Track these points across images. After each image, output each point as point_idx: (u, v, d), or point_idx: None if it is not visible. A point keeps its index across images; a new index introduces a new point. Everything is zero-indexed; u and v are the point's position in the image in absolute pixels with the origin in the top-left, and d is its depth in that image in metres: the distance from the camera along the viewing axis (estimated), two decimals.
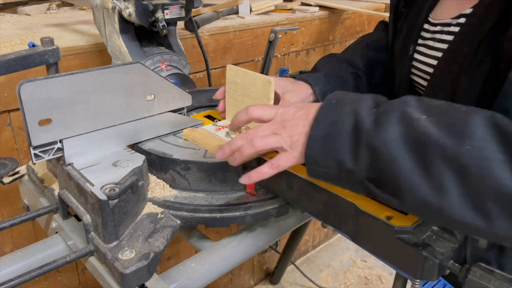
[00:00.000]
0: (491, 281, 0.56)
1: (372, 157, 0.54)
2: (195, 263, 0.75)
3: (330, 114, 0.58)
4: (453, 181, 0.48)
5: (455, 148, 0.48)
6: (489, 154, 0.47)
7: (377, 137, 0.53)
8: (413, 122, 0.52)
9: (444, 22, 0.75)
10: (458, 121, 0.50)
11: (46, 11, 1.74)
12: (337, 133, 0.56)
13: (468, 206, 0.48)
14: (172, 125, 0.92)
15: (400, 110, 0.54)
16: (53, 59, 0.82)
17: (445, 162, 0.49)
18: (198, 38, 1.21)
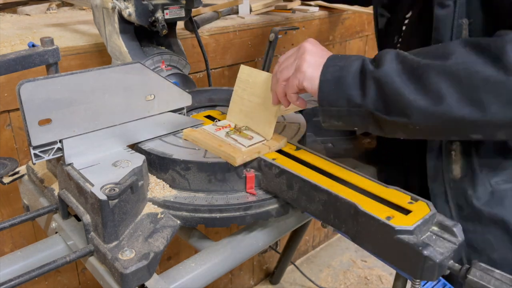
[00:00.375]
0: (491, 281, 0.56)
1: (377, 88, 0.65)
2: (195, 263, 0.75)
3: (338, 61, 0.69)
4: (448, 87, 0.60)
5: (443, 63, 0.61)
6: (470, 60, 0.60)
7: (380, 71, 0.65)
8: (405, 57, 0.65)
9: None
10: (438, 49, 0.65)
11: (46, 11, 1.74)
12: (346, 75, 0.67)
13: (465, 103, 0.60)
14: (172, 125, 0.92)
15: (393, 52, 0.67)
16: (53, 59, 0.82)
17: (438, 75, 0.61)
18: (198, 38, 1.21)
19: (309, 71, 0.71)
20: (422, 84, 0.62)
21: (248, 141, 0.83)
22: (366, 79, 0.66)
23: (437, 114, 0.62)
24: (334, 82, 0.68)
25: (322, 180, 0.72)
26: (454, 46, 0.62)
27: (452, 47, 0.62)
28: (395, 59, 0.65)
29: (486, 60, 0.58)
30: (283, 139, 0.84)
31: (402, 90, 0.63)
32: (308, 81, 0.71)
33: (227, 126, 0.90)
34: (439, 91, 0.60)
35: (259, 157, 0.80)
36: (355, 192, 0.69)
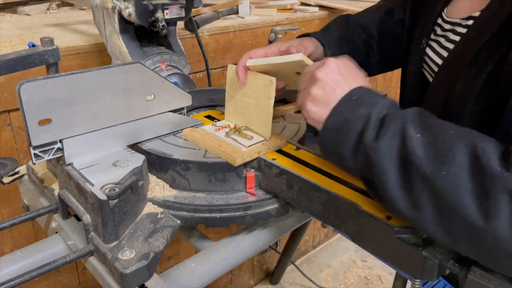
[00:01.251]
0: (491, 281, 0.56)
1: (367, 163, 0.59)
2: (195, 263, 0.75)
3: (346, 111, 0.62)
4: (427, 200, 0.53)
5: (434, 171, 0.52)
6: (461, 182, 0.50)
7: (373, 147, 0.57)
8: (407, 139, 0.56)
9: (455, 22, 0.73)
10: (443, 145, 0.53)
11: (46, 11, 1.74)
12: (346, 132, 0.61)
13: (439, 224, 0.53)
14: (172, 125, 0.92)
15: (400, 124, 0.57)
16: (53, 59, 0.82)
17: (423, 182, 0.53)
18: (198, 38, 1.21)
19: (313, 110, 0.66)
20: (405, 181, 0.55)
21: (248, 141, 0.83)
22: (359, 147, 0.59)
23: (412, 219, 0.56)
24: (334, 133, 0.63)
25: (322, 180, 0.72)
26: (461, 147, 0.52)
27: (457, 148, 0.52)
28: (397, 134, 0.57)
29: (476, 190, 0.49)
30: (283, 139, 0.84)
31: (386, 177, 0.56)
32: (311, 121, 0.67)
33: (227, 126, 0.90)
34: (419, 199, 0.53)
35: (259, 157, 0.80)
36: (355, 192, 0.68)
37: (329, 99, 0.64)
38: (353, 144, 0.60)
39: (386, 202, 0.59)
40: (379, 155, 0.57)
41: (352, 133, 0.60)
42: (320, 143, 0.65)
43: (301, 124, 0.95)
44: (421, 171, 0.53)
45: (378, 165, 0.57)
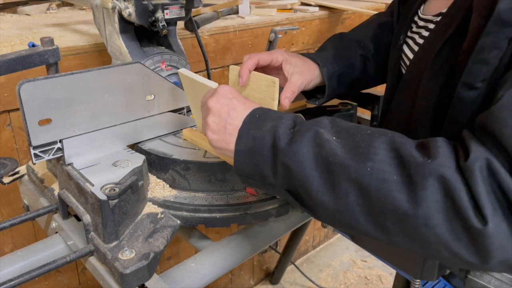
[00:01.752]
0: (491, 281, 0.56)
1: (287, 174, 0.57)
2: (195, 263, 0.75)
3: (252, 128, 0.61)
4: (356, 200, 0.52)
5: (358, 170, 0.52)
6: (387, 176, 0.50)
7: (290, 156, 0.56)
8: (324, 143, 0.55)
9: (427, 18, 0.74)
10: (362, 143, 0.54)
11: (46, 11, 1.74)
12: (259, 149, 0.59)
13: (371, 222, 0.53)
14: (172, 125, 0.92)
15: (313, 131, 0.57)
16: (53, 59, 0.82)
17: (349, 182, 0.52)
18: (198, 38, 1.21)
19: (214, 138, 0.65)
20: (331, 184, 0.54)
21: None
22: (276, 160, 0.58)
23: (343, 221, 0.55)
24: (248, 154, 0.60)
25: None
26: (379, 144, 0.53)
27: (375, 145, 0.53)
28: (312, 140, 0.56)
29: (403, 181, 0.49)
30: None
31: (310, 185, 0.55)
32: (218, 150, 0.66)
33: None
34: (348, 200, 0.53)
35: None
36: None
37: (225, 123, 0.64)
38: (269, 158, 0.59)
39: (314, 210, 0.58)
40: (298, 163, 0.55)
41: (265, 149, 0.59)
42: (237, 169, 0.62)
43: None
44: (345, 172, 0.52)
45: (299, 173, 0.56)
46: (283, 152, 0.57)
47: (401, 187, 0.49)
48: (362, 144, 0.54)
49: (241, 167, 0.61)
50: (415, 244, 0.51)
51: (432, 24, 0.72)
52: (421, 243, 0.51)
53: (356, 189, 0.52)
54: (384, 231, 0.52)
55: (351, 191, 0.52)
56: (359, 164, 0.52)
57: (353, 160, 0.52)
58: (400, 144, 0.52)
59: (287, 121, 0.60)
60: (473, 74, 0.55)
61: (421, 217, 0.48)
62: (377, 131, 0.55)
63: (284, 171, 0.57)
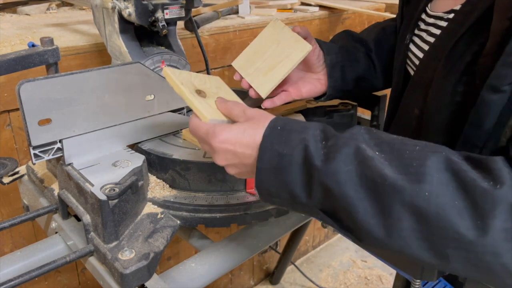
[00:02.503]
0: None
1: (326, 195, 0.52)
2: (195, 263, 0.75)
3: (276, 144, 0.55)
4: (411, 225, 0.48)
5: (413, 193, 0.47)
6: (447, 200, 0.46)
7: (329, 175, 0.51)
8: (367, 161, 0.50)
9: (437, 15, 0.73)
10: (414, 162, 0.49)
11: (46, 11, 1.73)
12: (288, 167, 0.54)
13: (426, 248, 0.49)
14: (172, 125, 0.91)
15: (353, 146, 0.52)
16: (53, 59, 0.82)
17: (403, 206, 0.48)
18: (198, 38, 1.21)
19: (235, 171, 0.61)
20: (381, 208, 0.49)
21: None
22: (312, 180, 0.53)
23: (392, 248, 0.51)
24: (274, 172, 0.55)
25: None
26: (433, 164, 0.48)
27: (430, 164, 0.48)
28: (352, 156, 0.51)
29: (467, 207, 0.46)
30: None
31: (355, 207, 0.50)
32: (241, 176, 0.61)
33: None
34: (401, 225, 0.49)
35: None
36: None
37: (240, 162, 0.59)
38: (302, 177, 0.54)
39: (359, 234, 0.53)
40: (340, 184, 0.51)
41: (295, 167, 0.54)
42: (259, 188, 0.57)
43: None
44: (398, 194, 0.48)
45: (341, 195, 0.51)
46: (320, 171, 0.52)
47: (466, 214, 0.46)
48: (413, 163, 0.49)
49: (265, 186, 0.56)
50: (477, 272, 0.49)
51: (443, 22, 0.71)
52: (485, 271, 0.48)
53: (412, 214, 0.48)
54: (443, 258, 0.49)
55: (405, 216, 0.48)
56: (414, 187, 0.48)
57: (407, 182, 0.48)
58: (457, 165, 0.48)
59: (315, 131, 0.55)
60: (501, 77, 0.53)
61: (489, 246, 0.45)
62: (427, 146, 0.51)
63: (321, 191, 0.53)
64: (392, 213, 0.49)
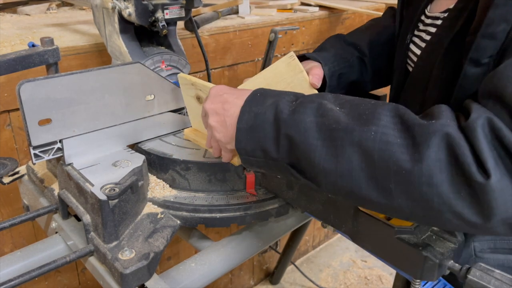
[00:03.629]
0: (491, 281, 0.56)
1: (290, 145, 0.58)
2: (195, 263, 0.75)
3: (254, 106, 0.62)
4: (359, 164, 0.53)
5: (361, 134, 0.52)
6: (391, 139, 0.51)
7: (294, 126, 0.57)
8: (327, 112, 0.56)
9: (434, 16, 0.75)
10: (366, 111, 0.55)
11: (46, 11, 1.74)
12: (261, 124, 0.60)
13: (373, 186, 0.53)
14: (172, 125, 0.92)
15: (317, 102, 0.58)
16: (53, 59, 0.82)
17: (352, 146, 0.53)
18: (198, 38, 1.21)
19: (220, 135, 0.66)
20: (334, 151, 0.54)
21: None
22: (279, 132, 0.58)
23: (345, 188, 0.55)
24: (249, 131, 0.61)
25: None
26: (383, 111, 0.54)
27: (380, 111, 0.54)
28: (315, 110, 0.57)
29: (406, 143, 0.50)
30: None
31: (313, 153, 0.55)
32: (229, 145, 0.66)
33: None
34: (351, 165, 0.53)
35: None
36: None
37: (224, 117, 0.65)
38: (272, 132, 0.59)
39: (317, 179, 0.57)
40: (301, 133, 0.56)
41: (267, 123, 0.59)
42: (238, 148, 0.62)
43: None
44: (349, 137, 0.53)
45: (302, 143, 0.56)
46: (286, 122, 0.57)
47: (405, 148, 0.50)
48: (366, 111, 0.54)
49: (243, 146, 0.62)
50: (417, 206, 0.51)
51: (439, 21, 0.73)
52: (423, 204, 0.50)
53: (359, 153, 0.52)
54: (387, 195, 0.52)
55: (354, 156, 0.53)
56: (363, 128, 0.53)
57: (357, 125, 0.53)
58: (404, 111, 0.53)
59: (288, 96, 0.61)
60: (481, 49, 0.56)
61: (424, 176, 0.48)
62: (381, 102, 0.57)
63: (287, 142, 0.58)
64: (343, 154, 0.53)
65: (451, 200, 0.48)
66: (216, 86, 0.70)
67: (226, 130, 0.65)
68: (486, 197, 0.46)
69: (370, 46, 0.96)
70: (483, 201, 0.47)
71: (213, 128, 0.67)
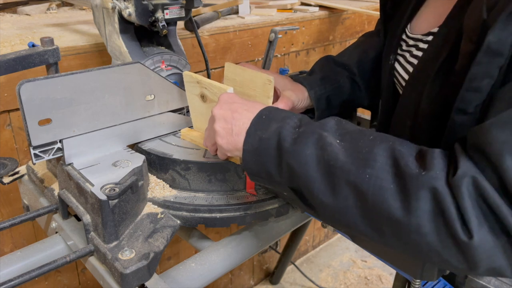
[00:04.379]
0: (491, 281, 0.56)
1: (291, 174, 0.60)
2: (195, 263, 0.75)
3: (259, 129, 0.63)
4: (355, 203, 0.54)
5: (357, 175, 0.54)
6: (384, 184, 0.52)
7: (295, 157, 0.59)
8: (327, 146, 0.57)
9: (417, 37, 0.75)
10: (363, 149, 0.55)
11: (46, 11, 1.74)
12: (265, 149, 0.62)
13: (368, 225, 0.55)
14: (172, 125, 0.92)
15: (317, 134, 0.59)
16: (53, 59, 0.82)
17: (348, 186, 0.54)
18: (198, 38, 1.21)
19: (223, 142, 0.68)
20: (332, 186, 0.56)
21: None
22: (282, 160, 0.60)
23: (343, 222, 0.58)
24: (254, 154, 0.63)
25: None
26: (379, 151, 0.54)
27: (376, 151, 0.54)
28: (315, 143, 0.58)
29: (399, 190, 0.51)
30: None
31: (312, 184, 0.57)
32: (228, 152, 0.69)
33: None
34: (346, 203, 0.55)
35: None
36: None
37: (231, 125, 0.67)
38: (275, 158, 0.61)
39: (316, 209, 0.60)
40: (301, 164, 0.58)
41: (270, 149, 0.61)
42: (245, 168, 0.65)
43: None
44: (346, 176, 0.54)
45: (302, 174, 0.58)
46: (288, 152, 0.59)
47: (396, 196, 0.51)
48: (363, 150, 0.55)
49: (249, 166, 0.64)
50: (408, 248, 0.53)
51: (423, 44, 0.73)
52: (413, 248, 0.52)
53: (355, 194, 0.54)
54: (380, 234, 0.55)
55: (350, 195, 0.54)
56: (359, 170, 0.54)
57: (354, 166, 0.54)
58: (399, 153, 0.54)
59: (292, 121, 0.63)
60: (466, 101, 0.56)
61: (413, 225, 0.50)
62: (379, 137, 0.57)
63: (288, 171, 0.60)
64: (340, 191, 0.55)
65: (438, 249, 0.50)
66: (227, 93, 0.73)
67: (231, 139, 0.67)
68: (470, 253, 0.48)
69: (358, 64, 0.98)
70: (467, 255, 0.48)
71: (217, 133, 0.68)
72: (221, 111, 0.69)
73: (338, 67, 0.97)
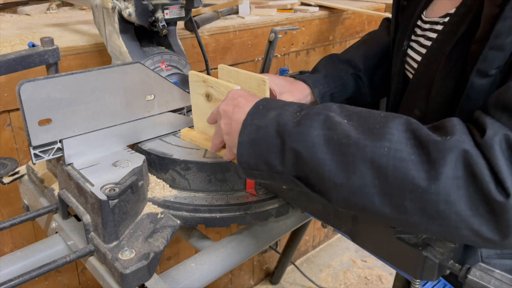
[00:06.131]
0: (491, 281, 0.56)
1: (297, 159, 0.56)
2: (195, 263, 0.75)
3: (256, 118, 0.61)
4: (372, 181, 0.51)
5: (374, 150, 0.51)
6: (405, 156, 0.50)
7: (300, 140, 0.55)
8: (335, 125, 0.54)
9: (433, 21, 0.75)
10: (377, 125, 0.53)
11: (46, 11, 1.74)
12: (263, 138, 0.59)
13: (387, 203, 0.52)
14: (172, 125, 0.92)
15: (323, 114, 0.56)
16: (53, 59, 0.82)
17: (365, 163, 0.51)
18: (198, 38, 1.21)
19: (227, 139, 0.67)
20: (345, 166, 0.53)
21: None
22: (284, 146, 0.57)
23: (358, 204, 0.54)
24: (251, 144, 0.60)
25: None
26: (394, 125, 0.52)
27: (391, 126, 0.52)
28: (322, 123, 0.55)
29: (421, 160, 0.49)
30: None
31: (322, 168, 0.54)
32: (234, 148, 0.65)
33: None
34: (363, 182, 0.52)
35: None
36: None
37: (231, 121, 0.65)
38: (276, 146, 0.58)
39: (328, 194, 0.56)
40: (308, 147, 0.54)
41: (269, 137, 0.58)
42: (240, 162, 0.62)
43: None
44: (361, 153, 0.52)
45: (310, 157, 0.54)
46: (291, 136, 0.56)
47: (420, 166, 0.49)
48: (376, 125, 0.53)
49: (245, 159, 0.61)
50: (433, 223, 0.50)
51: (439, 26, 0.72)
52: (440, 221, 0.50)
53: (372, 170, 0.51)
54: (402, 211, 0.51)
55: (366, 172, 0.51)
56: (376, 144, 0.51)
57: (369, 141, 0.52)
58: (416, 125, 0.52)
59: (291, 107, 0.60)
60: (488, 60, 0.55)
61: (442, 194, 0.47)
62: (391, 114, 0.55)
63: (293, 156, 0.56)
64: (355, 170, 0.52)
65: (469, 218, 0.48)
66: (235, 90, 0.70)
67: (232, 134, 0.65)
68: (505, 216, 0.46)
69: (364, 60, 0.97)
70: (501, 219, 0.46)
71: (222, 130, 0.68)
72: (225, 106, 0.67)
73: (342, 64, 0.97)
